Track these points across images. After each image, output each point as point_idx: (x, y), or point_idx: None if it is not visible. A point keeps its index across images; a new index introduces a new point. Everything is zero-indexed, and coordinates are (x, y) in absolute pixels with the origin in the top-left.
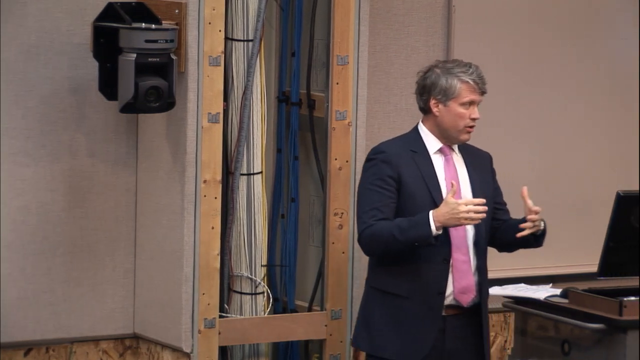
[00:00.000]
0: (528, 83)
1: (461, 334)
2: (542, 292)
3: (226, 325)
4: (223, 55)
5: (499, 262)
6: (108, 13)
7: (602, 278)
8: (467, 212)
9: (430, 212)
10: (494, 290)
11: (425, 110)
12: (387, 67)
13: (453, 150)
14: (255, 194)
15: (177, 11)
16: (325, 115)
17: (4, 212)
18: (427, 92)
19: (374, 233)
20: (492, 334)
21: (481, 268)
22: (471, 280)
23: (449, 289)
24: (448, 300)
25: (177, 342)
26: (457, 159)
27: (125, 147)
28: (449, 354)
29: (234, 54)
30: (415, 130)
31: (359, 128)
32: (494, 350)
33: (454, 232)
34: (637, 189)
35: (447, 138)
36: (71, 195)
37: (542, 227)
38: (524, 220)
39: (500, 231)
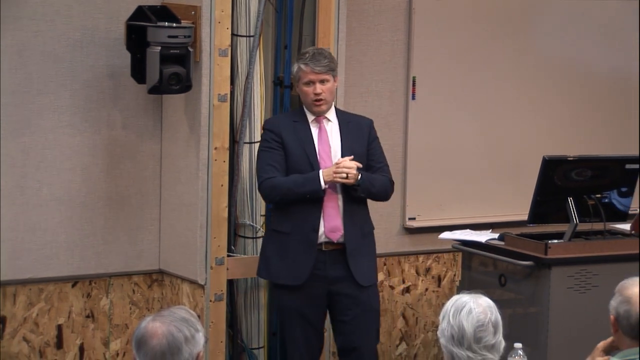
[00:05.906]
0: (474, 71)
1: (338, 263)
2: (483, 236)
3: (233, 263)
4: (230, 48)
5: (449, 213)
6: (138, 14)
7: (531, 225)
8: (336, 172)
9: (320, 171)
10: (445, 235)
11: None
12: (360, 57)
13: (329, 120)
14: (255, 158)
15: (193, 12)
16: None
17: (56, 173)
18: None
19: (274, 185)
20: (443, 269)
21: (352, 212)
22: (338, 221)
23: (322, 228)
24: (322, 238)
25: (194, 276)
26: (332, 126)
27: (152, 121)
28: (331, 278)
29: (238, 47)
30: (301, 106)
31: (338, 106)
32: (445, 282)
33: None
34: (559, 154)
35: (310, 111)
36: (109, 159)
37: (356, 180)
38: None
39: None
